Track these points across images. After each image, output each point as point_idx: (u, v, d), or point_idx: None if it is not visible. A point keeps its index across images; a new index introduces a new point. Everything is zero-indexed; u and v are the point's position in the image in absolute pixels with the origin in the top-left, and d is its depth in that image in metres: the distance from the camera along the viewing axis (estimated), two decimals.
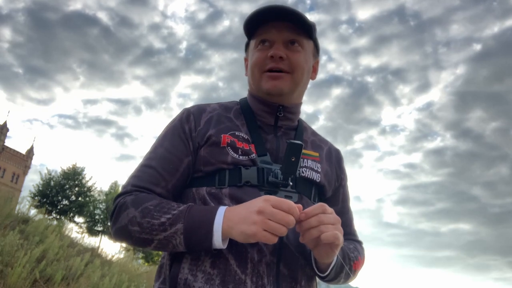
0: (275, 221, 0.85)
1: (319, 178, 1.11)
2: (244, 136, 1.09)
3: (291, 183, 1.02)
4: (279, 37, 1.07)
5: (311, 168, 1.11)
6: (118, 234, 0.98)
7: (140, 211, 0.94)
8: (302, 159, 1.10)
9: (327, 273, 1.00)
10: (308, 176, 1.09)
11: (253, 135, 1.09)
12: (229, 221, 0.88)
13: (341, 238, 0.91)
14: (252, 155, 1.05)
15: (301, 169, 1.09)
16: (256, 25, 1.10)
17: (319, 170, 1.13)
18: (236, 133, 1.08)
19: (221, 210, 0.91)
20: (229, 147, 1.05)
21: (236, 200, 0.99)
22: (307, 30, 1.09)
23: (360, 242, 1.24)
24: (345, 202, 1.24)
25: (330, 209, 0.92)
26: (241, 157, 1.04)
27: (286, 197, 1.02)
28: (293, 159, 0.98)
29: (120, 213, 0.97)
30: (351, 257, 1.07)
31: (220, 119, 1.11)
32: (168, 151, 1.06)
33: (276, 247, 0.97)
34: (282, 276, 0.97)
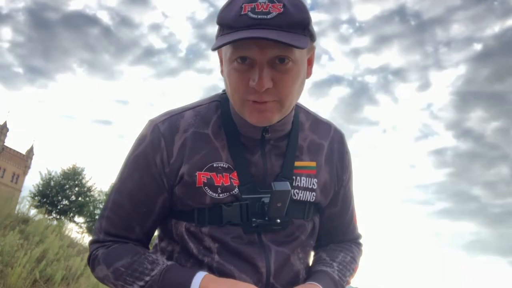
0: None
1: (314, 198, 0.99)
2: (224, 165, 0.92)
3: (278, 221, 0.92)
4: (263, 58, 0.80)
5: (305, 188, 0.98)
6: (99, 281, 0.96)
7: (112, 271, 0.90)
8: (295, 177, 0.97)
9: None
10: (301, 199, 0.97)
11: (236, 159, 0.93)
12: None
13: None
14: (234, 191, 0.91)
15: (293, 190, 0.95)
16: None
17: (315, 187, 0.99)
18: (215, 165, 0.92)
19: (196, 281, 0.84)
20: (206, 187, 0.91)
21: (217, 241, 0.91)
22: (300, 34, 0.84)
23: (359, 245, 1.16)
24: (346, 202, 1.11)
25: None
26: (221, 195, 0.91)
27: (275, 229, 0.94)
28: (279, 205, 0.89)
29: (94, 266, 0.95)
30: (344, 281, 1.01)
31: (195, 145, 0.93)
32: (139, 188, 0.94)
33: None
34: None
